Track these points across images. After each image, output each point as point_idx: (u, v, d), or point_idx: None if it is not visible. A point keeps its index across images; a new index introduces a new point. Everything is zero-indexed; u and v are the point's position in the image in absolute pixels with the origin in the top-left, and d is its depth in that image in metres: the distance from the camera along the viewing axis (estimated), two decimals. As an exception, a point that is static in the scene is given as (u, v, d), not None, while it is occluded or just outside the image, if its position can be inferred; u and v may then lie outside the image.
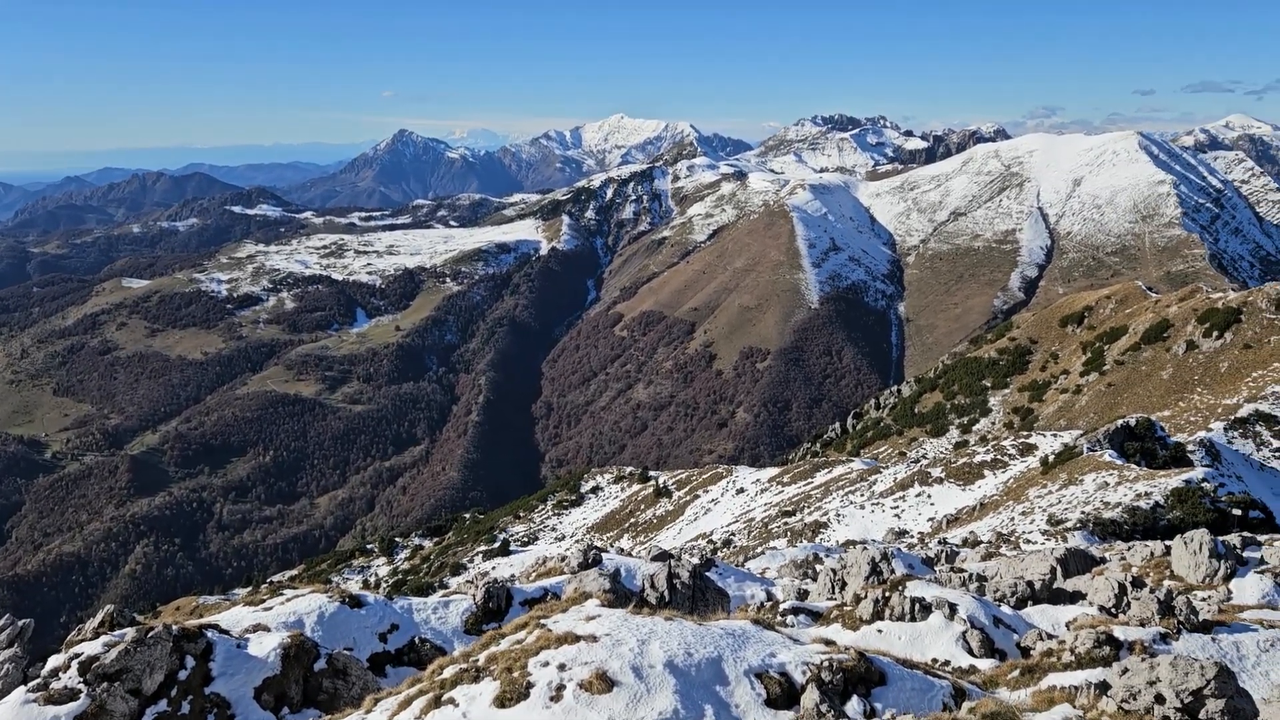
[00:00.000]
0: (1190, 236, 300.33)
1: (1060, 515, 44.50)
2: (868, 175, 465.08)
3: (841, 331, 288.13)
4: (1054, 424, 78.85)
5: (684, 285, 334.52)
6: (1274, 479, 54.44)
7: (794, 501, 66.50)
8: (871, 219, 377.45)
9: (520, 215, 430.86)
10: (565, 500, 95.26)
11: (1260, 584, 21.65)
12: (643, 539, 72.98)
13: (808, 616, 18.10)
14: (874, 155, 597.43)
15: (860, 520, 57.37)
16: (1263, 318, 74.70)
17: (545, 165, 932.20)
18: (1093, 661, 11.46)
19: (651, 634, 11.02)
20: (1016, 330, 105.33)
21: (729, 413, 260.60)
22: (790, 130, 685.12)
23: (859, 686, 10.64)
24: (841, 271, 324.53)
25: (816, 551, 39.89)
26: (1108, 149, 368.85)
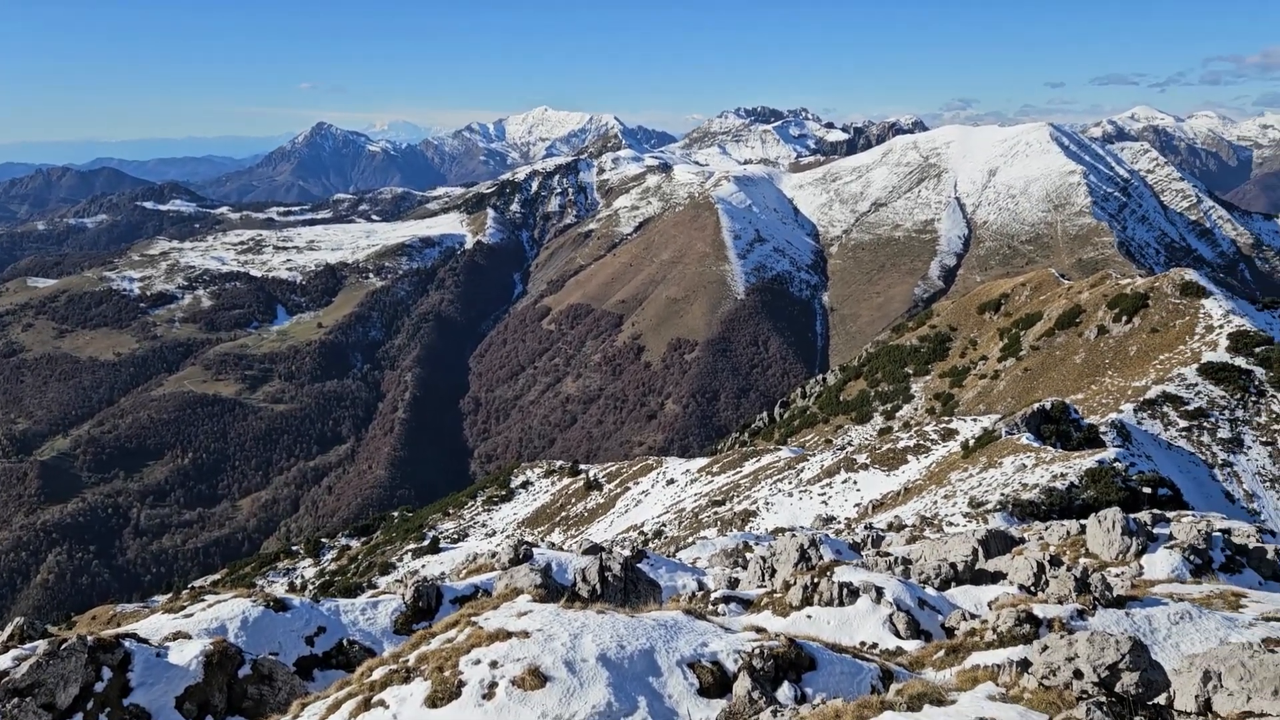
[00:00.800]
0: (1100, 225, 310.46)
1: (981, 498, 45.67)
2: (790, 167, 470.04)
3: (768, 322, 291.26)
4: (974, 409, 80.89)
5: (611, 278, 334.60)
6: (1181, 457, 56.67)
7: (724, 491, 67.05)
8: (795, 210, 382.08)
9: (444, 209, 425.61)
10: (495, 496, 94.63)
11: (1170, 559, 22.50)
12: (574, 533, 72.89)
13: (739, 605, 18.24)
14: (796, 147, 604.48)
15: (789, 508, 58.10)
16: (1168, 302, 77.60)
17: (469, 158, 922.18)
18: (1014, 640, 11.77)
19: (584, 628, 11.00)
20: (937, 318, 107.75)
21: (658, 404, 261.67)
22: (714, 122, 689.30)
23: (790, 672, 10.77)
24: (767, 262, 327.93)
25: (746, 540, 40.26)
26: (1021, 140, 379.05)
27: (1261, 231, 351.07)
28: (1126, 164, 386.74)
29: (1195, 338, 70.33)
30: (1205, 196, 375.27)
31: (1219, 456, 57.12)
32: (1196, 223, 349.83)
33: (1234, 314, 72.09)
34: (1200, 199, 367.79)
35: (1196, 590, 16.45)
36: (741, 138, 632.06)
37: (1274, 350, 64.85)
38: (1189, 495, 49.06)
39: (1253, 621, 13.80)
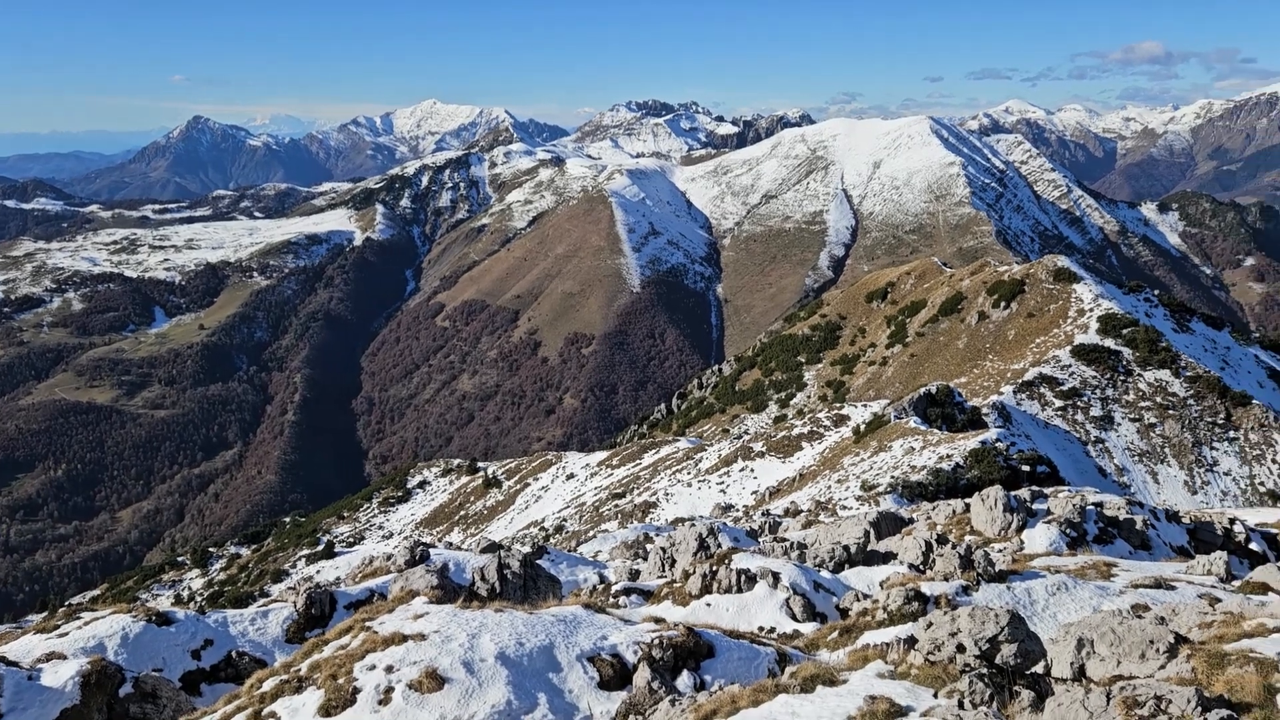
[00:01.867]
0: (979, 214, 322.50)
1: (872, 481, 46.97)
2: (682, 160, 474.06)
3: (664, 314, 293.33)
4: (864, 395, 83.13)
5: (506, 273, 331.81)
6: (1057, 435, 59.38)
7: (624, 483, 67.30)
8: (688, 203, 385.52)
9: (331, 205, 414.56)
10: (391, 497, 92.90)
11: (1048, 533, 23.55)
12: (474, 531, 72.13)
13: (639, 596, 18.32)
14: (688, 140, 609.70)
15: (688, 497, 58.71)
16: (1043, 288, 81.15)
17: (356, 153, 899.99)
18: (903, 617, 12.14)
19: (482, 627, 10.88)
20: (827, 307, 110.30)
21: (556, 399, 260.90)
22: (606, 116, 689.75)
23: (689, 661, 10.87)
24: (661, 255, 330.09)
25: (647, 531, 40.51)
26: (903, 133, 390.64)
27: (1126, 219, 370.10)
28: (1002, 155, 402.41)
29: (1068, 321, 73.74)
30: (1075, 186, 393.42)
31: (1092, 433, 60.07)
32: (1067, 211, 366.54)
33: (1103, 298, 75.84)
34: (1070, 189, 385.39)
35: (1072, 562, 17.26)
36: (633, 131, 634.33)
37: (1139, 332, 68.49)
38: (1065, 471, 51.47)
39: (1123, 589, 14.55)
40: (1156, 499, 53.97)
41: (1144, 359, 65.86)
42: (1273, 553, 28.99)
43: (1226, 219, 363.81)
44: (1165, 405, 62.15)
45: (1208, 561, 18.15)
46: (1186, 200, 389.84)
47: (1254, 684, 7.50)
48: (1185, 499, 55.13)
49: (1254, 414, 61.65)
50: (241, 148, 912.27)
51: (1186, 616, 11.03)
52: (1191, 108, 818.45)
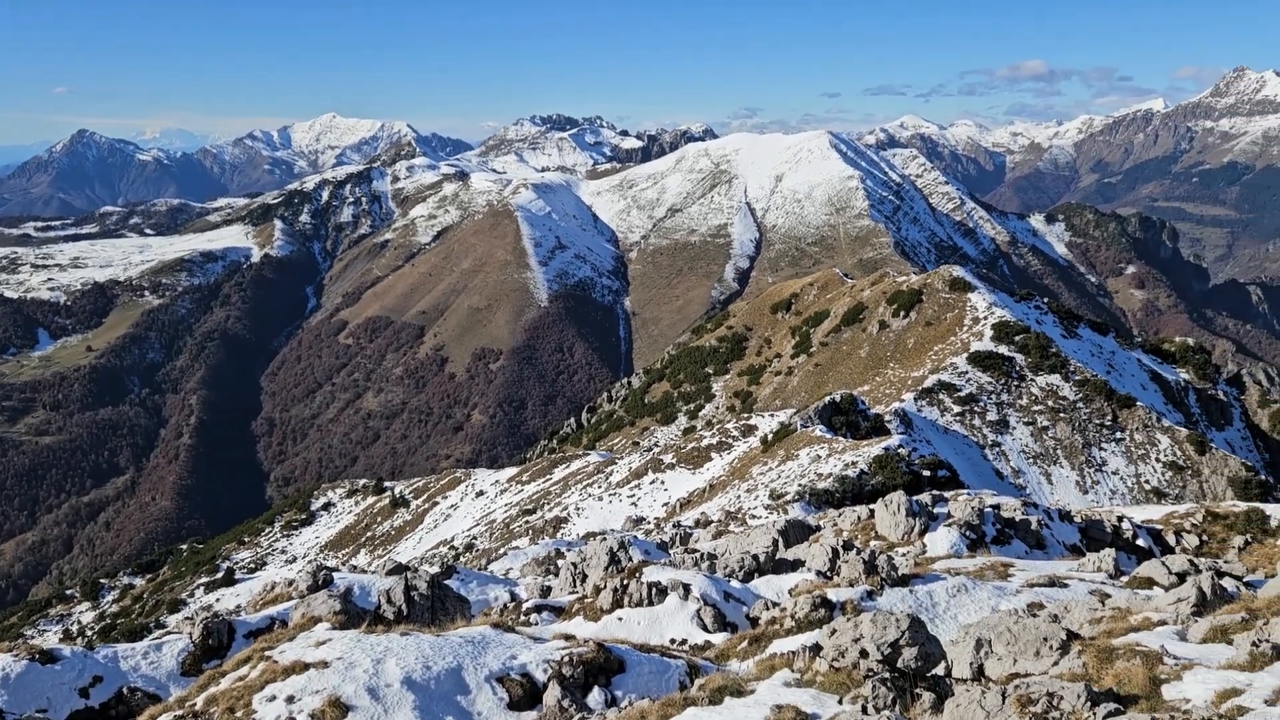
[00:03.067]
0: (877, 226, 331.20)
1: (781, 489, 47.60)
2: (588, 174, 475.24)
3: (572, 328, 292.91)
4: (771, 404, 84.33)
5: (410, 289, 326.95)
6: (956, 440, 61.17)
7: (534, 499, 66.81)
8: (594, 217, 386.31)
9: (227, 221, 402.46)
10: (295, 520, 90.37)
11: (949, 536, 24.22)
12: (381, 553, 70.62)
13: (551, 613, 18.18)
14: (593, 154, 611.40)
15: (599, 512, 58.56)
16: (940, 297, 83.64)
17: (252, 167, 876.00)
18: (810, 624, 12.31)
19: (387, 652, 10.64)
20: (733, 319, 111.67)
21: (464, 415, 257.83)
22: (510, 130, 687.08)
23: (600, 677, 10.81)
24: (569, 269, 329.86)
25: (558, 547, 40.24)
26: (803, 147, 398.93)
27: (1016, 230, 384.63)
28: (898, 169, 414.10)
29: (964, 329, 76.10)
30: (967, 198, 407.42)
31: (989, 437, 62.08)
32: (961, 223, 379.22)
33: (996, 306, 78.54)
34: (963, 201, 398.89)
35: (972, 564, 17.78)
36: (538, 145, 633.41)
37: (1031, 338, 71.14)
38: (964, 475, 53.03)
39: (1019, 589, 15.04)
40: (1050, 499, 56.03)
41: (1036, 364, 68.40)
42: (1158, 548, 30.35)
43: (1109, 229, 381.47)
44: (1057, 409, 64.64)
45: (1098, 559, 18.90)
46: (1071, 212, 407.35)
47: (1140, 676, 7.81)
48: (1077, 498, 57.35)
49: (1138, 415, 64.59)
50: (131, 162, 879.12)
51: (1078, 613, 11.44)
52: (1074, 123, 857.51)
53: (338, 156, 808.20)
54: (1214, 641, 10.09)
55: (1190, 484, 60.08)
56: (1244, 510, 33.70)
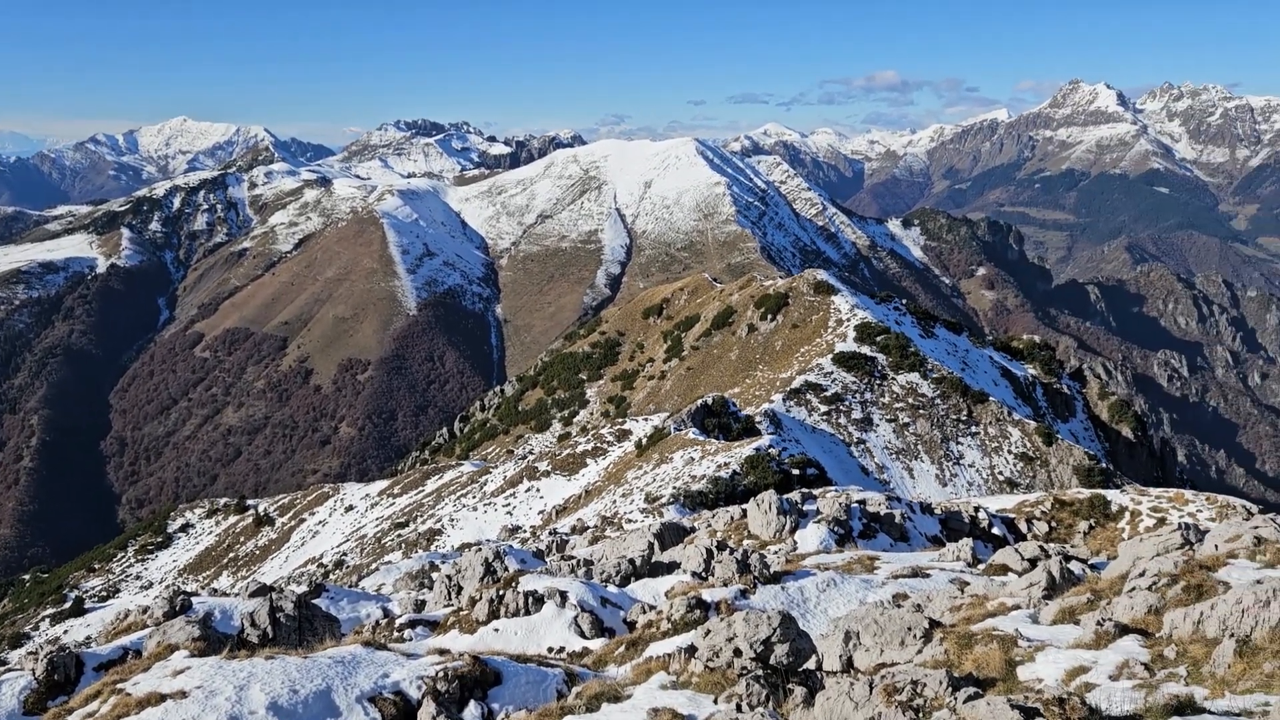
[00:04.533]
0: (744, 232, 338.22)
1: (656, 493, 47.99)
2: (456, 180, 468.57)
3: (442, 336, 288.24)
4: (645, 409, 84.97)
5: (272, 298, 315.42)
6: (824, 438, 62.99)
7: (406, 512, 65.41)
8: (463, 223, 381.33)
9: (69, 229, 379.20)
10: (150, 544, 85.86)
11: (818, 532, 24.88)
12: (245, 574, 67.83)
13: (425, 627, 17.83)
14: (460, 160, 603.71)
15: (474, 522, 57.80)
16: (805, 300, 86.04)
17: (96, 173, 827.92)
18: (686, 626, 12.43)
19: (251, 677, 10.19)
20: (606, 324, 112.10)
21: (332, 429, 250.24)
22: (374, 135, 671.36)
23: (476, 690, 10.64)
24: (438, 276, 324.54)
25: (432, 560, 39.51)
26: (671, 154, 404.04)
27: (875, 234, 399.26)
28: (763, 176, 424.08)
29: (829, 331, 78.49)
30: (829, 204, 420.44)
31: (854, 435, 64.17)
32: (823, 228, 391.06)
33: (858, 308, 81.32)
34: (825, 206, 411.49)
35: (840, 558, 18.31)
36: (404, 151, 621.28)
37: (891, 339, 73.94)
38: (832, 472, 54.66)
39: (885, 581, 15.57)
40: (913, 493, 58.31)
41: (896, 364, 71.12)
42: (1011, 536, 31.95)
43: (960, 233, 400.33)
44: (916, 405, 67.35)
45: (957, 548, 19.76)
46: (926, 217, 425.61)
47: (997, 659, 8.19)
48: (937, 491, 59.88)
49: (991, 410, 67.94)
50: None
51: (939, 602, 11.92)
52: (927, 132, 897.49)
53: (190, 162, 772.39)
54: (1063, 623, 10.68)
55: (1039, 473, 63.56)
56: (1088, 497, 35.86)
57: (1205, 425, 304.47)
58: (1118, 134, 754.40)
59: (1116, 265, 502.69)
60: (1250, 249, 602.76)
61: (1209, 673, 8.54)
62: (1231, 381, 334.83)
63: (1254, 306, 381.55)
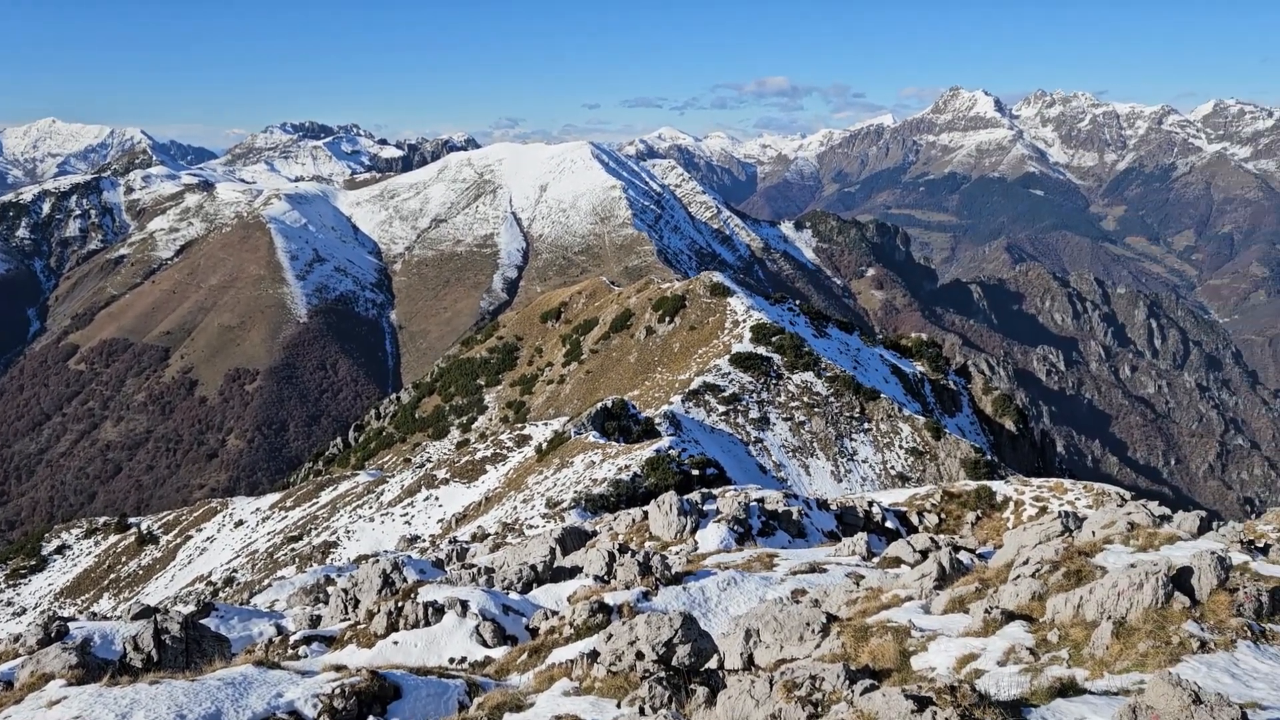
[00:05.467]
0: (641, 235, 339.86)
1: (557, 497, 47.80)
2: (346, 184, 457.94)
3: (335, 344, 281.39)
4: (544, 414, 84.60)
5: (152, 308, 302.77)
6: (723, 438, 63.75)
7: (300, 525, 63.61)
8: (354, 228, 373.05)
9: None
10: (23, 567, 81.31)
11: (718, 532, 25.15)
12: (127, 595, 64.91)
13: (321, 644, 17.36)
14: (350, 164, 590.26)
15: (371, 533, 56.58)
16: (702, 302, 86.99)
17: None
18: (589, 630, 12.40)
19: (134, 704, 9.74)
20: (503, 329, 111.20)
21: (219, 441, 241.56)
22: (259, 138, 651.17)
23: (375, 705, 10.39)
24: (329, 283, 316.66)
25: (328, 573, 38.47)
26: (566, 157, 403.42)
27: (769, 237, 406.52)
28: (658, 179, 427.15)
29: (726, 332, 79.54)
30: (724, 207, 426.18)
31: (752, 434, 65.14)
32: (718, 231, 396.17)
33: (754, 309, 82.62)
34: (720, 209, 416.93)
35: (740, 557, 18.55)
36: (291, 154, 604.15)
37: (786, 339, 75.33)
38: (731, 471, 55.35)
39: (783, 577, 15.83)
40: (809, 490, 59.52)
41: (791, 363, 72.50)
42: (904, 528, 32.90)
43: (850, 235, 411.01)
44: (811, 404, 68.78)
45: (852, 543, 20.23)
46: (817, 219, 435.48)
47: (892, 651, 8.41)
48: (833, 487, 61.25)
49: (883, 406, 69.86)
50: None
51: (836, 596, 12.18)
52: (816, 136, 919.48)
53: (60, 165, 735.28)
54: (954, 612, 11.04)
55: (929, 467, 65.64)
56: (975, 489, 37.20)
57: (1081, 417, 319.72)
58: (995, 139, 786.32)
59: (997, 265, 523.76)
60: (1119, 248, 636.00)
61: (1089, 654, 8.94)
62: (1104, 375, 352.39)
63: (1123, 303, 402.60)
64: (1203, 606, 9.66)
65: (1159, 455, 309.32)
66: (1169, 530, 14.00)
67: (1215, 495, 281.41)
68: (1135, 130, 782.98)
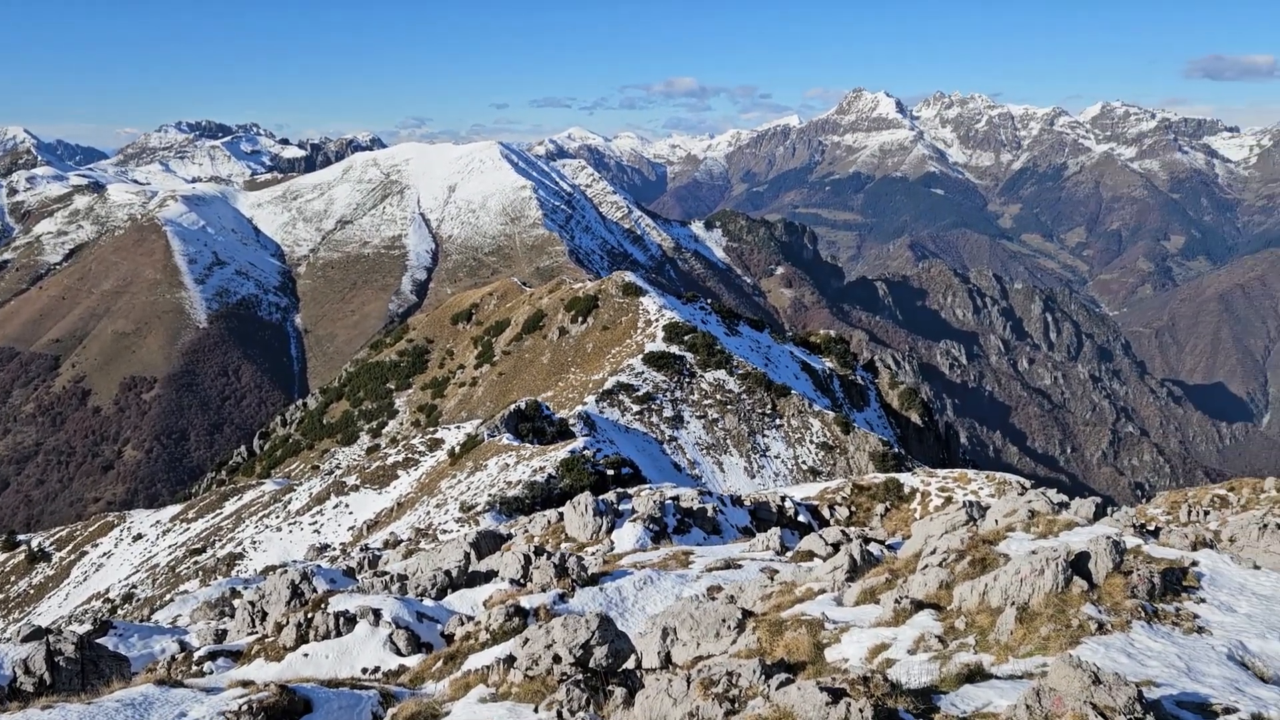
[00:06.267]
0: (552, 235, 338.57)
1: (471, 501, 47.30)
2: (246, 185, 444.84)
3: (237, 349, 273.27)
4: (457, 416, 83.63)
5: (39, 315, 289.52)
6: (637, 438, 63.94)
7: (203, 537, 61.62)
8: (256, 230, 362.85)
9: None
10: (-98, 591, 76.86)
11: (634, 531, 25.19)
12: (17, 616, 61.95)
13: (228, 659, 16.84)
14: (251, 164, 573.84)
15: (279, 543, 55.16)
16: (614, 302, 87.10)
17: None
18: (505, 635, 12.27)
19: (25, 732, 9.26)
20: (413, 332, 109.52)
21: (115, 453, 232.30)
22: (153, 137, 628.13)
23: (285, 721, 10.10)
24: (230, 286, 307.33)
25: (234, 586, 37.39)
26: (475, 157, 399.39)
27: (680, 236, 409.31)
28: (569, 179, 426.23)
29: (639, 331, 79.81)
30: (635, 207, 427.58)
31: (666, 433, 65.48)
32: (630, 230, 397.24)
33: (666, 308, 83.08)
34: (631, 209, 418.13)
35: (656, 555, 18.61)
36: (187, 154, 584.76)
37: (699, 337, 75.95)
38: (647, 470, 55.55)
39: (699, 575, 15.94)
40: (723, 486, 60.14)
41: (704, 361, 73.14)
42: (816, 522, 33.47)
43: (759, 234, 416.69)
44: (724, 401, 69.48)
45: (766, 538, 20.48)
46: (727, 219, 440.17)
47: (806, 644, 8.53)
48: (746, 483, 62.00)
49: (793, 402, 70.98)
50: None
51: (751, 592, 12.31)
52: (725, 136, 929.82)
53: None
54: (865, 603, 11.26)
55: (839, 461, 66.96)
56: (883, 481, 38.07)
57: (983, 408, 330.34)
58: (898, 139, 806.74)
59: (901, 262, 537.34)
60: (1015, 245, 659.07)
61: (994, 640, 9.21)
62: (1004, 367, 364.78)
63: (1020, 298, 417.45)
64: (1100, 589, 10.05)
65: (1056, 444, 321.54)
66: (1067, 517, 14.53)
67: (1109, 481, 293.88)
68: (1029, 131, 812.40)
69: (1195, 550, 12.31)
